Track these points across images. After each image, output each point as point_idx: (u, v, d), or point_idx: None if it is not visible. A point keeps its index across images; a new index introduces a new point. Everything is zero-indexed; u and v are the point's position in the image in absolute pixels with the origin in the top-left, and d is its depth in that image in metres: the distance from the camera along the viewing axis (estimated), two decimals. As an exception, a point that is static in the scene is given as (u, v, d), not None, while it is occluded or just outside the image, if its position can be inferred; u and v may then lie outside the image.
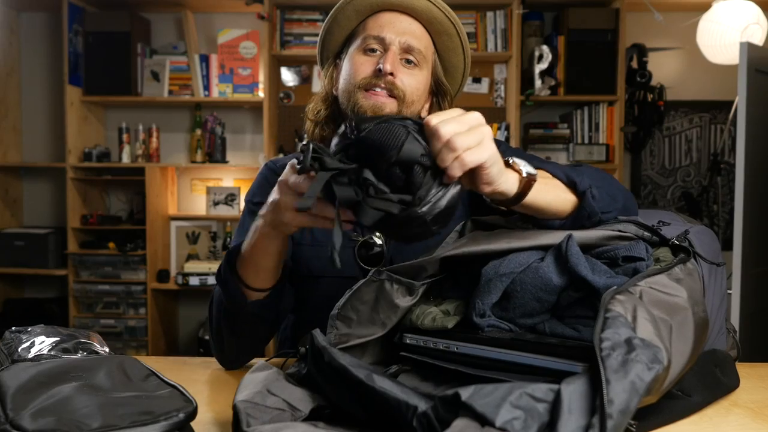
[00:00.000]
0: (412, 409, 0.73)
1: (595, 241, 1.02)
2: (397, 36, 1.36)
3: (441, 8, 1.38)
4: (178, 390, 0.88)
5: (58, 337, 1.05)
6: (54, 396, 0.82)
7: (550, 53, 4.13)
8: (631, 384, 0.69)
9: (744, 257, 3.31)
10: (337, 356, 0.84)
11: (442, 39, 1.42)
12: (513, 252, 0.99)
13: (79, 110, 4.35)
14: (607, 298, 0.80)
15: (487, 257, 1.00)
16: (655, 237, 1.04)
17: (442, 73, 1.45)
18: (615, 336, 0.74)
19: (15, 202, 4.61)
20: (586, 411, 0.68)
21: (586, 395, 0.69)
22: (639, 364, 0.71)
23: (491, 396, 0.69)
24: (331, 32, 1.44)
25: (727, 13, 3.75)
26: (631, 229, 1.04)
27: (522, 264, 0.97)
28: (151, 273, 4.29)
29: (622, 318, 0.77)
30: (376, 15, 1.39)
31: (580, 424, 0.66)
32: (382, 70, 1.33)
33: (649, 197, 4.56)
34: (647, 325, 0.78)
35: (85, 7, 4.35)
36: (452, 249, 1.02)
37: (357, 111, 1.34)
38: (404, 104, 1.35)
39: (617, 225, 1.05)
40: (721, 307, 1.14)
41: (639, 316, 0.79)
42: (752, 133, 3.35)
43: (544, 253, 0.99)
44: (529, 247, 1.00)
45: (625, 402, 0.68)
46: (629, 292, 0.83)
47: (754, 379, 1.13)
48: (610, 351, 0.72)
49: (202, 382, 1.19)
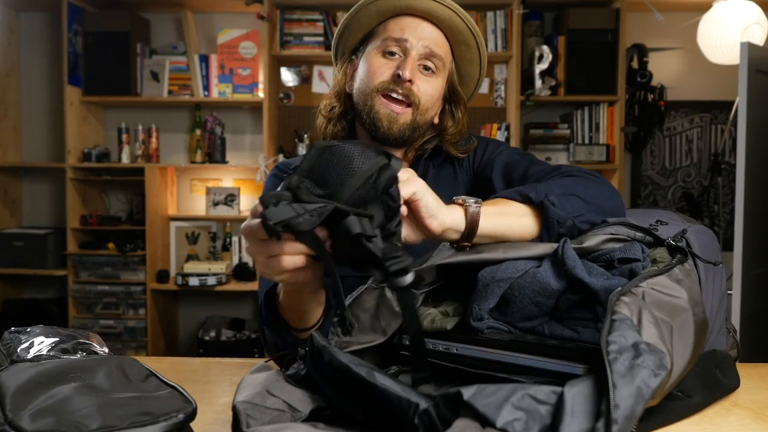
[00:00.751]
0: (414, 407, 0.72)
1: (590, 247, 1.02)
2: (419, 41, 1.36)
3: (464, 18, 1.38)
4: (178, 390, 0.87)
5: (57, 337, 1.04)
6: (53, 397, 0.81)
7: (550, 53, 4.13)
8: (637, 389, 0.69)
9: (745, 258, 3.30)
10: (338, 354, 0.83)
11: (461, 49, 1.42)
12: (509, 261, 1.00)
13: (79, 110, 4.34)
14: (614, 299, 0.80)
15: (483, 265, 1.00)
16: (648, 237, 1.04)
17: (457, 81, 1.46)
18: (622, 339, 0.74)
19: (14, 202, 4.60)
20: (589, 414, 0.67)
21: (590, 399, 0.69)
22: (645, 369, 0.71)
23: (493, 396, 0.68)
24: (349, 29, 1.44)
25: (728, 13, 3.74)
26: (623, 230, 1.04)
27: (519, 270, 0.97)
28: (150, 273, 4.29)
29: (628, 321, 0.77)
30: (397, 18, 1.39)
31: (583, 427, 0.66)
32: (401, 76, 1.33)
33: (650, 198, 4.56)
34: (651, 329, 0.78)
35: (85, 7, 4.34)
36: (449, 257, 1.02)
37: (373, 116, 1.36)
38: (419, 111, 1.37)
39: (608, 228, 1.05)
40: (720, 307, 1.14)
41: (644, 319, 0.79)
42: (753, 134, 3.34)
43: (540, 261, 0.99)
44: (525, 257, 1.00)
45: (631, 408, 0.67)
46: (632, 293, 0.83)
47: (755, 380, 1.12)
48: (617, 355, 0.71)
49: (201, 383, 1.18)
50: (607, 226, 1.06)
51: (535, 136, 4.31)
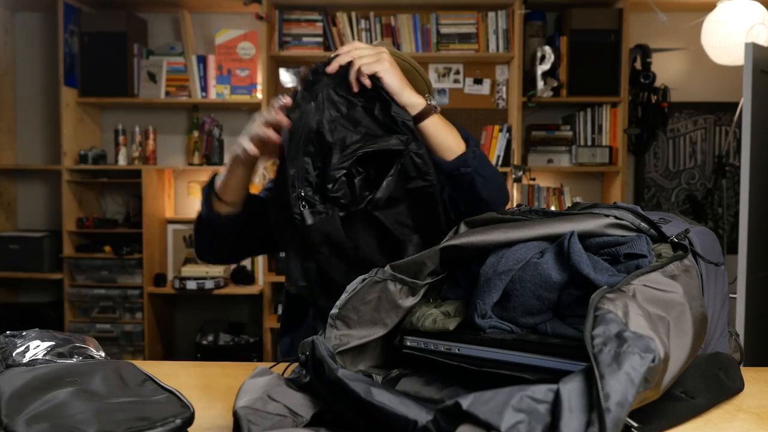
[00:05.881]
0: (412, 424, 0.73)
1: (594, 229, 1.03)
2: None
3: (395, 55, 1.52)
4: (175, 395, 0.88)
5: (53, 341, 1.06)
6: (49, 401, 0.82)
7: (552, 54, 4.10)
8: (626, 375, 0.70)
9: (749, 261, 3.28)
10: (335, 369, 0.84)
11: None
12: (512, 243, 1.01)
13: (75, 112, 4.33)
14: (597, 297, 0.81)
15: (485, 256, 1.01)
16: (652, 230, 1.04)
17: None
18: (606, 331, 0.75)
19: (9, 204, 4.58)
20: (586, 408, 0.68)
21: (584, 392, 0.69)
22: (632, 355, 0.72)
23: (492, 402, 0.68)
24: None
25: (732, 14, 3.74)
26: (628, 216, 1.05)
27: (520, 260, 0.98)
28: (147, 277, 4.28)
29: (612, 314, 0.78)
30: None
31: (581, 421, 0.67)
32: None
33: (653, 200, 4.54)
34: (640, 320, 0.78)
35: (81, 7, 4.33)
36: (452, 239, 1.04)
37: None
38: None
39: (614, 211, 1.06)
40: (722, 310, 1.14)
41: (631, 312, 0.79)
42: (758, 135, 3.33)
43: (543, 246, 1.00)
44: (527, 238, 1.01)
45: (622, 394, 0.68)
46: (621, 290, 0.84)
47: (760, 384, 1.12)
48: (602, 346, 0.73)
49: (199, 388, 1.17)
50: (614, 208, 1.06)
51: (537, 137, 4.29)
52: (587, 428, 0.66)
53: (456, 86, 4.42)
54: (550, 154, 4.26)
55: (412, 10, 4.26)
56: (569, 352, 0.84)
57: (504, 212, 1.15)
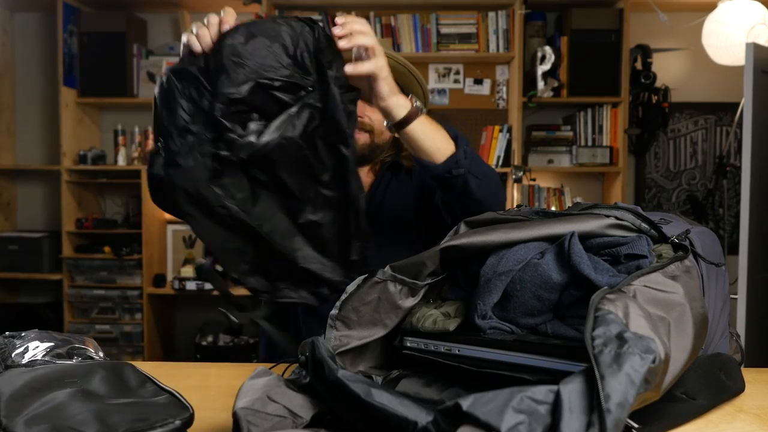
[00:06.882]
0: (412, 425, 0.73)
1: (595, 230, 1.02)
2: None
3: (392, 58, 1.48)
4: (175, 396, 0.88)
5: (52, 342, 1.04)
6: (48, 402, 0.82)
7: (552, 54, 4.10)
8: (626, 376, 0.70)
9: (750, 261, 3.28)
10: (335, 370, 0.84)
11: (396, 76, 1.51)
12: (512, 243, 1.00)
13: (74, 112, 4.33)
14: (597, 298, 0.80)
15: (485, 257, 1.01)
16: (653, 230, 1.04)
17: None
18: (606, 332, 0.75)
19: (9, 205, 4.58)
20: (586, 409, 0.68)
21: (585, 393, 0.69)
22: (632, 356, 0.72)
23: (492, 403, 0.68)
24: None
25: (733, 14, 3.74)
26: (629, 217, 1.04)
27: (520, 261, 0.97)
28: (147, 277, 4.28)
29: (612, 315, 0.78)
30: None
31: (582, 422, 0.67)
32: None
33: (654, 200, 4.53)
34: (641, 321, 0.78)
35: (80, 8, 4.33)
36: (452, 240, 1.04)
37: None
38: (375, 135, 1.58)
39: (615, 211, 1.05)
40: (723, 311, 1.14)
41: (631, 313, 0.79)
42: (759, 135, 3.32)
43: (543, 247, 0.99)
44: (528, 239, 1.01)
45: (623, 395, 0.68)
46: (622, 291, 0.84)
47: (761, 385, 1.12)
48: (602, 347, 0.73)
49: (198, 389, 1.17)
50: (615, 209, 1.06)
51: (538, 138, 4.29)
52: (588, 429, 0.66)
53: (456, 86, 4.42)
54: (551, 154, 4.26)
55: (412, 10, 4.25)
56: (570, 353, 0.84)
57: (504, 213, 1.14)
